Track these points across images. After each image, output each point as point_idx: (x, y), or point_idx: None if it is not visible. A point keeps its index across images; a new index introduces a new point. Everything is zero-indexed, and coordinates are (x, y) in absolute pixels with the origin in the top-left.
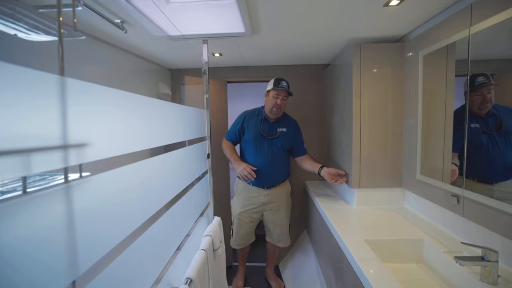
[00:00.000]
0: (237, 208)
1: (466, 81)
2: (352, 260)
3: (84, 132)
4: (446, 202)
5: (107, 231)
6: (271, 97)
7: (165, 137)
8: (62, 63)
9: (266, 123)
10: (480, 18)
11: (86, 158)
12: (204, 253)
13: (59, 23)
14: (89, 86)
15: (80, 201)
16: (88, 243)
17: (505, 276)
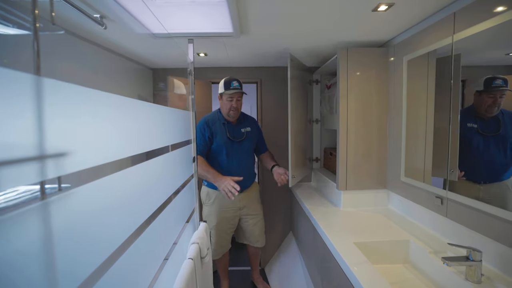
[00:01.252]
0: (212, 220)
1: (476, 82)
2: (344, 264)
3: (60, 140)
4: (430, 203)
5: (88, 251)
6: (225, 101)
7: (149, 142)
8: (38, 60)
9: (230, 126)
10: (463, 26)
11: (64, 170)
12: (192, 262)
13: (34, 16)
14: (66, 86)
15: (56, 219)
16: (67, 266)
17: (488, 275)
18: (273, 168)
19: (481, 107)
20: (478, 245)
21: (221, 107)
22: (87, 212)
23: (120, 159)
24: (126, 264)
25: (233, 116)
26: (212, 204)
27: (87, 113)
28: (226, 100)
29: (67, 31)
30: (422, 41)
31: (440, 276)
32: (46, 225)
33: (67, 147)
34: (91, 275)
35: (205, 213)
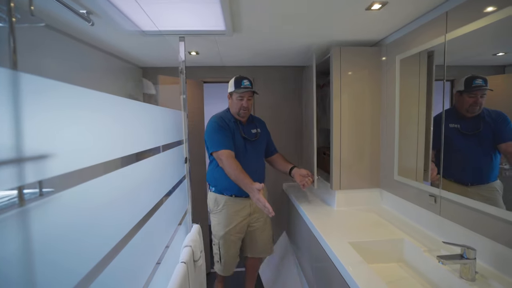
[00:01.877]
0: (220, 229)
1: (457, 82)
2: (339, 264)
3: (41, 140)
4: (423, 202)
5: (74, 258)
6: (235, 100)
7: (139, 143)
8: (14, 55)
9: (242, 125)
10: (456, 25)
11: (47, 173)
12: (185, 266)
13: (9, 6)
14: (48, 83)
15: (39, 225)
16: (50, 276)
17: (482, 272)
18: (292, 170)
19: (463, 107)
20: (472, 243)
21: (230, 107)
22: (72, 218)
23: (108, 161)
24: (116, 271)
25: (243, 115)
26: (221, 211)
27: (71, 112)
28: (236, 99)
29: (49, 26)
30: (414, 40)
31: (435, 274)
32: (25, 233)
33: (49, 149)
34: (78, 284)
35: (213, 222)
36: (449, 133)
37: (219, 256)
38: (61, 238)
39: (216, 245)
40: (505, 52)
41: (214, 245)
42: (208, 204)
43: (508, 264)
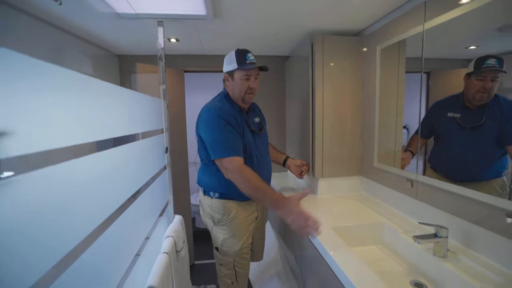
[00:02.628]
0: (235, 243)
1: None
2: (322, 249)
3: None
4: (401, 187)
5: (38, 250)
6: (239, 80)
7: (118, 128)
8: None
9: (247, 115)
10: (434, 15)
11: (7, 152)
12: (167, 256)
13: None
14: (12, 55)
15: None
16: (19, 265)
17: (453, 249)
18: (286, 161)
19: (469, 93)
20: (444, 223)
21: (230, 90)
22: (33, 206)
23: (81, 145)
24: (89, 263)
25: (248, 100)
26: (233, 220)
27: (34, 88)
28: (240, 79)
29: (14, 7)
30: (395, 29)
31: (411, 253)
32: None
33: (5, 126)
34: (38, 280)
35: (222, 236)
36: (445, 123)
37: (235, 276)
38: (22, 225)
39: (229, 264)
40: (476, 46)
41: (221, 265)
42: (210, 215)
43: (475, 240)
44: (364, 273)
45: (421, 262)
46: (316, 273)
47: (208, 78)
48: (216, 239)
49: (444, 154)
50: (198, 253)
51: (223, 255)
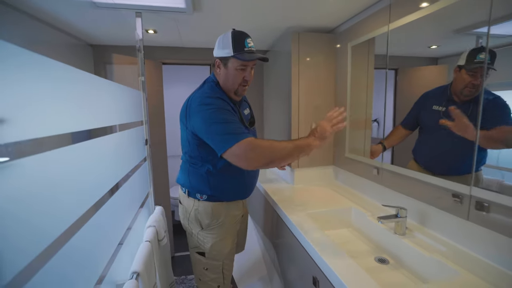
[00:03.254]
0: (224, 246)
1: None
2: (297, 232)
3: None
4: (368, 174)
5: (32, 231)
6: (234, 70)
7: (96, 119)
8: None
9: (238, 108)
10: (397, 17)
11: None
12: (149, 244)
13: None
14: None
15: (29, 178)
16: (39, 226)
17: (411, 227)
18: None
19: (458, 87)
20: (405, 205)
21: (220, 80)
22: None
23: (58, 135)
24: (76, 248)
25: (241, 93)
26: (222, 224)
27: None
28: (235, 69)
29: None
30: (364, 28)
31: (376, 233)
32: None
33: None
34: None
35: (211, 241)
36: (430, 116)
37: (222, 279)
38: (12, 207)
39: (217, 268)
40: (437, 45)
41: (207, 270)
42: (197, 220)
43: (428, 218)
44: (335, 253)
45: (384, 240)
46: (292, 257)
47: (186, 71)
48: (204, 244)
49: (426, 147)
50: (178, 245)
51: (212, 260)
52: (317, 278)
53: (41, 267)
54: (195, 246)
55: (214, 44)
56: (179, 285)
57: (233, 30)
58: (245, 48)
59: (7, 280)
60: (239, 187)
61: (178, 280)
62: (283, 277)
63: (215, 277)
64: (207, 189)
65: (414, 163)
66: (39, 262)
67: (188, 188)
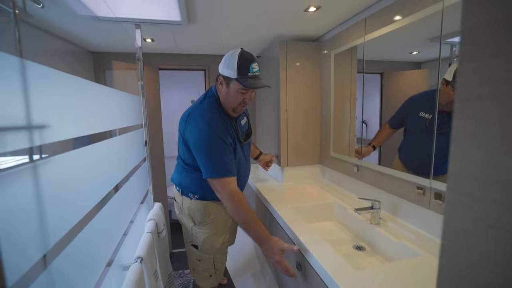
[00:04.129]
0: (215, 241)
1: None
2: (284, 224)
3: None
4: (350, 172)
5: (65, 212)
6: (235, 92)
7: (101, 124)
8: (19, 45)
9: (235, 122)
10: (372, 29)
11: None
12: (150, 235)
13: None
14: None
15: (44, 180)
16: (53, 221)
17: (384, 218)
18: (259, 156)
19: (444, 99)
20: (378, 198)
21: (221, 97)
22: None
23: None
24: (86, 239)
25: (239, 112)
26: (214, 220)
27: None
28: (236, 91)
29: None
30: (344, 39)
31: (354, 224)
32: (34, 183)
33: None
34: (60, 241)
35: (202, 236)
36: (415, 121)
37: (214, 269)
38: (54, 192)
39: (209, 260)
40: (418, 51)
41: (200, 261)
42: (189, 216)
43: (399, 209)
44: (316, 241)
45: (361, 230)
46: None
47: (182, 76)
48: (196, 238)
49: (410, 149)
50: (176, 243)
51: (204, 253)
52: (300, 263)
53: (61, 251)
54: (189, 239)
55: (207, 51)
56: (177, 278)
57: (241, 51)
58: (249, 73)
59: (37, 259)
60: None
61: (175, 274)
62: (275, 271)
63: (207, 268)
64: (198, 190)
65: (399, 162)
66: (60, 247)
67: (182, 188)
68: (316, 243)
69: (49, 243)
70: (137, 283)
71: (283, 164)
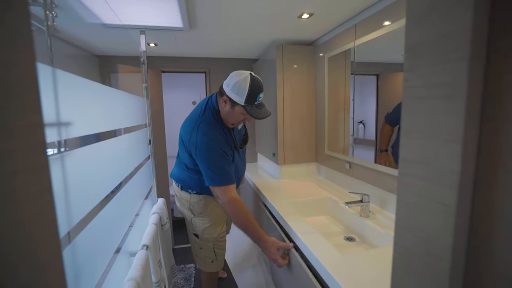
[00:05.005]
0: (214, 230)
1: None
2: (280, 217)
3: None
4: (343, 169)
5: (83, 199)
6: (238, 113)
7: (113, 121)
8: (51, 53)
9: (232, 131)
10: (362, 34)
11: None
12: (155, 226)
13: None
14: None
15: (70, 168)
16: (76, 204)
17: (373, 211)
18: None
19: None
20: (368, 192)
21: (222, 113)
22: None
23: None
24: (96, 228)
25: (236, 126)
26: (212, 212)
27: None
28: (240, 113)
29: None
30: (337, 43)
31: (346, 217)
32: (64, 169)
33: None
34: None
35: (202, 226)
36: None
37: (215, 256)
38: (75, 181)
39: (209, 247)
40: None
41: (201, 249)
42: (189, 208)
43: (387, 203)
44: (308, 231)
45: (352, 222)
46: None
47: (183, 78)
48: (196, 228)
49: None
50: (178, 239)
51: (204, 241)
52: (292, 252)
53: (73, 238)
54: (191, 229)
55: (208, 54)
56: (179, 272)
57: (251, 79)
58: (256, 101)
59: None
60: None
61: (177, 268)
62: (269, 262)
63: (208, 254)
64: (197, 188)
65: (391, 158)
66: (75, 232)
67: (181, 184)
68: (308, 234)
69: (70, 224)
70: (143, 267)
71: (280, 162)
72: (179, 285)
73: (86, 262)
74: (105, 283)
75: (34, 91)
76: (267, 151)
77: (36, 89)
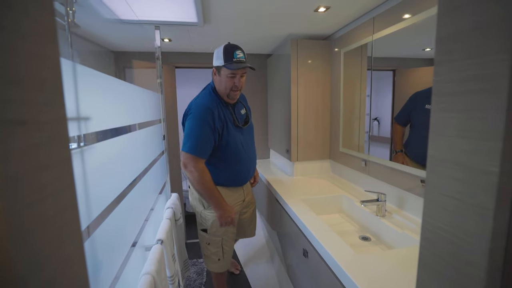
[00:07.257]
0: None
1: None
2: (293, 215)
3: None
4: (358, 166)
5: (101, 193)
6: (225, 77)
7: (130, 116)
8: (71, 50)
9: (233, 110)
10: (380, 28)
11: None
12: (169, 221)
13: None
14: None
15: (88, 163)
16: (94, 198)
17: (390, 211)
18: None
19: None
20: (384, 191)
21: (216, 85)
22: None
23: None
24: (114, 222)
25: (233, 97)
26: None
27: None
28: (226, 76)
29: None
30: (353, 38)
31: (361, 216)
32: (83, 162)
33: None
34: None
35: (210, 220)
36: (421, 114)
37: (222, 253)
38: (94, 175)
39: (217, 243)
40: (431, 48)
41: (209, 245)
42: (199, 200)
43: (405, 203)
44: (323, 229)
45: (367, 221)
46: (288, 235)
47: (196, 73)
48: (206, 221)
49: (417, 142)
50: (190, 234)
51: (212, 236)
52: (306, 250)
53: (92, 232)
54: (200, 224)
55: None
56: (191, 266)
57: (225, 44)
58: (233, 58)
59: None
60: (232, 176)
61: (190, 262)
62: (284, 258)
63: (216, 251)
64: None
65: (406, 158)
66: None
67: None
68: (323, 233)
69: (90, 219)
70: (158, 261)
71: (293, 159)
72: (192, 279)
73: (104, 256)
74: (122, 277)
75: (59, 85)
76: (280, 147)
77: (60, 83)
